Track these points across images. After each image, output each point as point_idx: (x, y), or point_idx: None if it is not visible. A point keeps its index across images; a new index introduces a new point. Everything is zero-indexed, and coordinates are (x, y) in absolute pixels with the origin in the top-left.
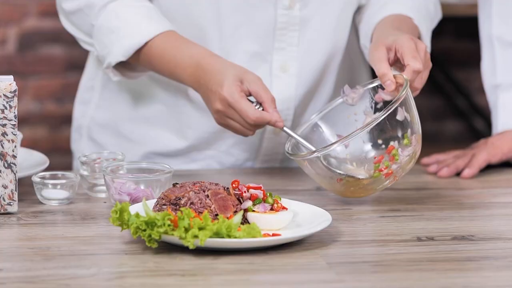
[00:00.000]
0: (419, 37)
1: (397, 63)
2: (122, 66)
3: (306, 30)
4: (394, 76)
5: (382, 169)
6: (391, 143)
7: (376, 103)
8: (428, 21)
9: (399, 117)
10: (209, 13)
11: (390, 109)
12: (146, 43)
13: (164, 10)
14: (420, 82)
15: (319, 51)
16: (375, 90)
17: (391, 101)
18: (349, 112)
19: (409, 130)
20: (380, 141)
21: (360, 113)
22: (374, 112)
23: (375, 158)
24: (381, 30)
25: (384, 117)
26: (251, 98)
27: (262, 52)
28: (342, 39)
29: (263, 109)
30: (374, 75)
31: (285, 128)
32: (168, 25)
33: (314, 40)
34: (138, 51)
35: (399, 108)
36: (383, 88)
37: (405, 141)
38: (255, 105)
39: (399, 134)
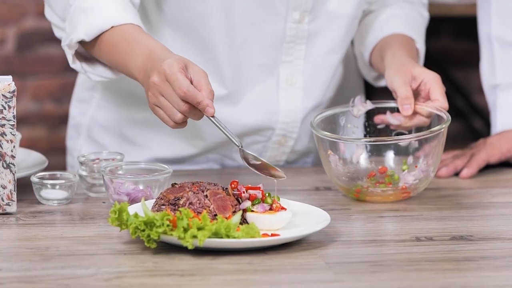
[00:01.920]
0: (418, 59)
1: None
2: (84, 61)
3: (313, 44)
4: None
5: (387, 183)
6: (385, 164)
7: (376, 124)
8: (424, 39)
9: (403, 142)
10: (218, 26)
11: (422, 136)
12: (110, 29)
13: (173, 22)
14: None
15: (325, 65)
16: (379, 111)
17: (396, 125)
18: (350, 122)
19: (410, 157)
20: (371, 154)
21: (360, 127)
22: (369, 131)
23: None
24: (396, 54)
25: (394, 138)
26: None
27: (269, 65)
28: (346, 52)
29: None
30: (366, 83)
31: (213, 119)
32: (137, 20)
33: (321, 54)
34: (98, 37)
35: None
36: (392, 111)
37: (404, 167)
38: None
39: (399, 157)
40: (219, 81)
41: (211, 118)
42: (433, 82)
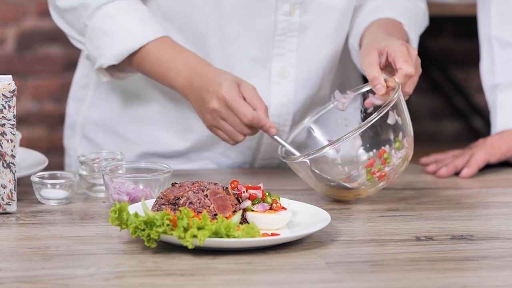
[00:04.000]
0: (408, 43)
1: (387, 68)
2: (112, 67)
3: (305, 37)
4: (385, 80)
5: (375, 172)
6: (382, 147)
7: (366, 109)
8: (417, 27)
9: (390, 120)
10: (210, 19)
11: (382, 112)
12: (139, 48)
13: (165, 16)
14: (411, 86)
15: (317, 58)
16: (365, 95)
17: (381, 105)
18: (340, 117)
19: (400, 134)
20: (370, 145)
21: (351, 119)
22: (365, 117)
23: (369, 159)
24: (372, 34)
25: (376, 121)
26: None
27: (262, 58)
28: (340, 45)
29: None
30: (364, 77)
31: (275, 136)
32: (162, 30)
33: (313, 46)
34: (131, 55)
35: (390, 112)
36: (373, 93)
37: (397, 144)
38: None
39: (391, 137)
40: None
41: (272, 137)
42: (395, 51)
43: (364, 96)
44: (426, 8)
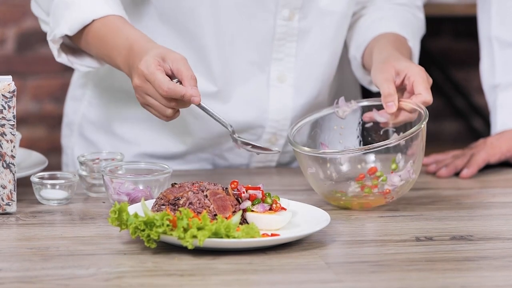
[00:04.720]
0: (411, 58)
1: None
2: (70, 52)
3: (304, 42)
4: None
5: (372, 186)
6: (373, 164)
7: (364, 123)
8: (418, 39)
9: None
10: (208, 21)
11: (403, 138)
12: (93, 22)
13: (162, 18)
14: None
15: (316, 63)
16: (369, 109)
17: (378, 123)
18: (336, 124)
19: (398, 155)
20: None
21: (347, 128)
22: (362, 132)
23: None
24: (383, 50)
25: (374, 136)
26: (176, 79)
27: (260, 62)
28: (338, 50)
29: None
30: (363, 88)
31: (202, 104)
32: (120, 11)
33: (312, 51)
34: (83, 30)
35: (395, 133)
36: (378, 109)
37: (393, 166)
38: (175, 82)
39: (388, 155)
40: (209, 78)
41: (199, 106)
42: (416, 75)
43: (369, 109)
44: (423, 18)
